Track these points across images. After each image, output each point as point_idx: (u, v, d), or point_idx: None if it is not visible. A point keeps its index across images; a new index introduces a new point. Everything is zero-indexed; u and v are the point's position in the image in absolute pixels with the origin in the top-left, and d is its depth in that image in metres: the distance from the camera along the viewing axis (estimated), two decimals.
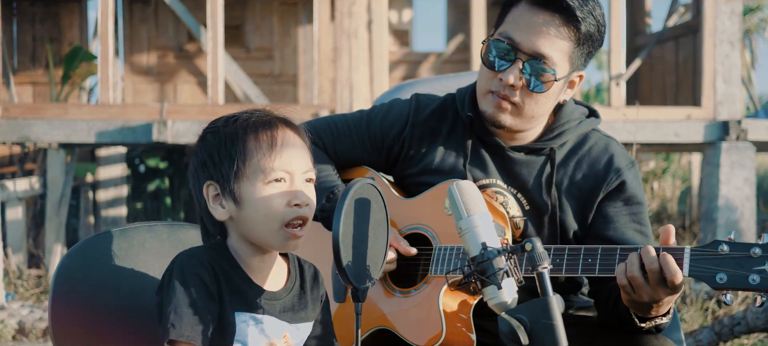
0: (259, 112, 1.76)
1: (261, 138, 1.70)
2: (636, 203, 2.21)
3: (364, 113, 2.39)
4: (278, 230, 1.69)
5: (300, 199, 1.70)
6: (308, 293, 1.82)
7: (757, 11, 16.83)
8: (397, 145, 2.31)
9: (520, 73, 2.11)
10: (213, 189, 1.71)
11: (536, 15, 2.10)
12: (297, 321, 1.78)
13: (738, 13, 7.49)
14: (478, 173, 2.24)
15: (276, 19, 9.70)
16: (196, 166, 1.75)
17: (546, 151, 2.22)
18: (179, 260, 1.69)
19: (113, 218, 8.79)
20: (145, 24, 9.55)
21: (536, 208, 2.21)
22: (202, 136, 1.76)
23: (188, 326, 1.63)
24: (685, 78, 8.27)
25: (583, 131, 2.25)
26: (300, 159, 1.73)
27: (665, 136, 7.18)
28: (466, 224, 1.60)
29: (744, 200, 7.18)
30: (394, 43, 10.80)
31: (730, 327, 4.59)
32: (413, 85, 2.84)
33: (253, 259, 1.74)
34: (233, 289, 1.71)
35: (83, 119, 6.48)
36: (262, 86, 9.15)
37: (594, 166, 2.22)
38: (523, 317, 1.50)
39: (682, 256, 1.86)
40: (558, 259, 2.00)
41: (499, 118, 2.16)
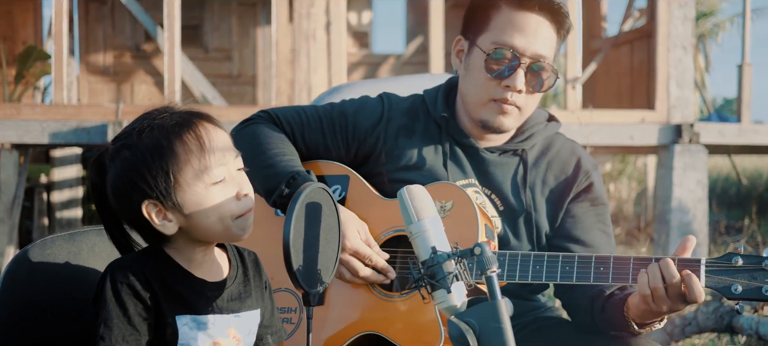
0: (168, 112, 1.68)
1: (187, 141, 1.65)
2: (601, 203, 2.28)
3: (334, 106, 2.36)
4: (231, 225, 1.68)
5: (245, 189, 1.69)
6: (251, 281, 1.80)
7: (710, 16, 17.14)
8: (371, 140, 2.29)
9: (526, 77, 2.16)
10: (153, 206, 1.65)
11: (527, 17, 2.16)
12: (243, 309, 1.76)
13: (691, 18, 7.62)
14: (457, 173, 2.26)
15: (235, 20, 9.64)
16: (121, 188, 1.65)
17: (518, 153, 2.27)
18: (110, 270, 1.65)
19: (68, 220, 8.67)
20: (102, 23, 9.43)
21: (510, 209, 2.25)
22: (114, 153, 1.67)
23: (118, 338, 1.60)
24: (640, 82, 8.39)
25: (549, 134, 2.31)
26: (228, 149, 1.69)
27: (620, 139, 7.27)
28: (417, 228, 1.61)
29: (696, 202, 7.30)
30: (354, 44, 10.81)
31: (681, 327, 4.67)
32: (351, 87, 2.84)
33: (196, 254, 1.72)
34: (172, 293, 1.67)
35: (36, 120, 6.38)
36: (221, 87, 9.10)
37: (564, 168, 2.28)
38: (472, 321, 1.51)
39: (699, 268, 1.91)
40: (538, 265, 2.02)
41: (504, 123, 2.21)
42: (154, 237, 1.71)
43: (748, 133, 7.77)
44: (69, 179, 8.70)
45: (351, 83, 2.97)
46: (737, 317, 4.42)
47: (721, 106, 27.06)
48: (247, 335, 1.78)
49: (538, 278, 2.02)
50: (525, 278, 2.03)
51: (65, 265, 1.88)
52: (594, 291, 2.15)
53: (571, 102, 7.41)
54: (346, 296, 2.17)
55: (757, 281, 1.88)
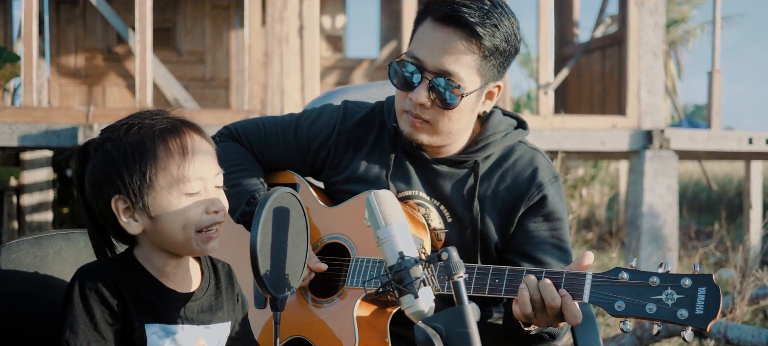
0: (160, 116, 1.69)
1: (171, 147, 1.65)
2: (556, 219, 2.22)
3: (294, 117, 2.38)
4: (194, 236, 1.67)
5: (217, 206, 1.68)
6: (224, 293, 1.80)
7: (681, 23, 17.33)
8: (323, 152, 2.31)
9: (428, 91, 2.10)
10: (122, 203, 1.65)
11: (439, 32, 2.08)
12: (214, 321, 1.76)
13: (661, 25, 7.70)
14: (401, 185, 2.24)
15: (208, 23, 9.60)
16: (97, 178, 1.66)
17: (470, 164, 2.23)
18: (78, 274, 1.65)
19: (38, 223, 8.57)
20: (73, 25, 9.35)
21: (458, 220, 2.22)
22: (98, 144, 1.67)
23: (83, 344, 1.60)
24: (611, 88, 8.46)
25: (508, 143, 2.25)
26: (210, 164, 1.70)
27: (591, 145, 7.33)
28: (384, 234, 1.61)
29: (667, 207, 7.37)
30: (328, 48, 10.80)
31: (650, 332, 4.71)
32: (345, 92, 2.84)
33: (166, 265, 1.71)
34: (141, 301, 1.67)
35: (5, 122, 6.31)
36: (194, 90, 9.05)
37: (517, 179, 2.22)
38: (438, 326, 1.51)
39: (583, 282, 1.86)
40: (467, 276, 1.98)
41: (416, 137, 2.18)
42: (121, 235, 1.71)
43: (717, 139, 7.86)
44: (39, 182, 8.60)
45: (347, 87, 2.97)
46: None
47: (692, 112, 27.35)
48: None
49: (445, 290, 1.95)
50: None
51: (31, 269, 1.86)
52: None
53: (543, 107, 7.45)
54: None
55: (641, 299, 1.81)
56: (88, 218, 1.73)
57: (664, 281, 1.80)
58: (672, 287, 1.79)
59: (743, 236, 8.53)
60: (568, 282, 1.88)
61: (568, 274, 1.89)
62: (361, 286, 2.12)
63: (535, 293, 1.88)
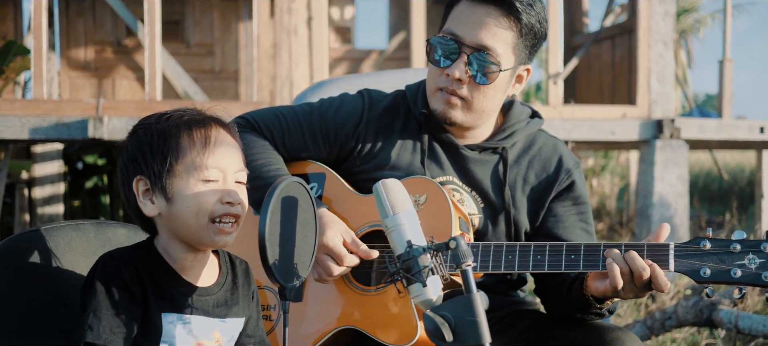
0: (192, 110, 1.75)
1: (195, 136, 1.70)
2: (582, 202, 2.29)
3: (313, 107, 2.35)
4: (207, 225, 1.68)
5: (232, 197, 1.70)
6: (240, 289, 1.82)
7: (691, 12, 17.24)
8: (352, 141, 2.29)
9: (466, 66, 2.15)
10: (143, 184, 1.71)
11: (477, 9, 2.15)
12: (230, 316, 1.77)
13: (672, 14, 7.66)
14: (435, 170, 2.26)
15: (216, 15, 9.61)
16: (126, 162, 1.73)
17: (498, 150, 2.28)
18: (102, 261, 1.68)
19: (49, 216, 8.61)
20: (83, 18, 9.37)
21: (491, 206, 2.26)
22: (133, 131, 1.75)
23: (106, 329, 1.62)
24: (621, 77, 8.43)
25: (531, 131, 2.32)
26: (233, 158, 1.73)
27: (601, 135, 7.30)
28: (392, 222, 1.61)
29: (677, 196, 7.35)
30: (337, 40, 10.79)
31: (661, 321, 4.70)
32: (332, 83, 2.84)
33: (184, 257, 1.73)
34: (160, 290, 1.69)
35: (16, 115, 6.33)
36: (203, 82, 9.06)
37: (545, 166, 2.29)
38: (447, 315, 1.51)
39: (668, 252, 1.95)
40: (539, 255, 2.04)
41: (449, 114, 2.20)
42: (141, 220, 1.75)
43: (728, 128, 7.82)
44: (50, 175, 8.63)
45: (334, 79, 2.95)
46: (717, 310, 4.45)
47: (702, 102, 27.22)
48: (229, 341, 1.80)
49: (510, 268, 2.04)
50: (498, 269, 2.05)
51: (41, 259, 1.87)
52: (561, 278, 2.20)
53: (552, 97, 7.43)
54: (322, 292, 2.17)
55: (725, 264, 1.91)
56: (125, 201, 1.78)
57: (745, 246, 1.90)
58: (753, 252, 1.89)
59: (755, 226, 8.50)
60: (651, 253, 1.96)
61: (649, 245, 1.96)
62: None
63: (623, 265, 1.95)
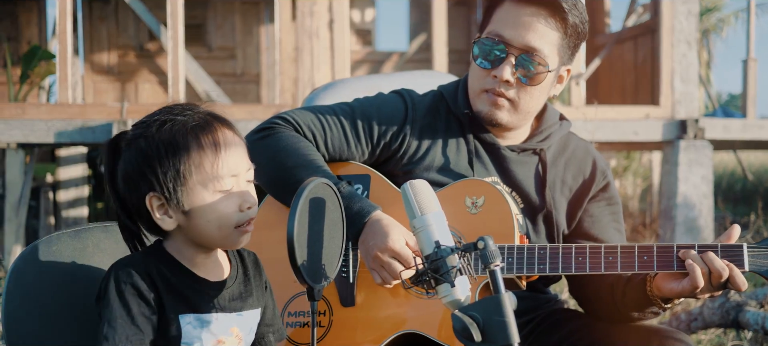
0: (190, 111, 1.69)
1: (204, 143, 1.65)
2: (615, 202, 2.33)
3: (353, 107, 2.30)
4: (231, 232, 1.68)
5: (250, 201, 1.69)
6: (252, 281, 1.81)
7: (714, 11, 17.10)
8: (397, 141, 2.26)
9: (514, 68, 2.15)
10: (157, 200, 1.66)
11: (523, 9, 2.15)
12: (246, 309, 1.77)
13: (695, 13, 7.61)
14: (481, 171, 2.26)
15: (238, 19, 9.65)
16: (131, 174, 1.66)
17: (537, 152, 2.29)
18: (114, 270, 1.66)
19: (74, 219, 8.68)
20: (106, 22, 9.45)
21: (531, 206, 2.27)
22: (130, 140, 1.68)
23: (122, 338, 1.61)
24: (644, 77, 8.38)
25: (563, 134, 2.34)
26: (242, 158, 1.70)
27: (624, 135, 7.27)
28: (420, 223, 1.61)
29: (702, 197, 7.29)
30: (357, 42, 10.81)
31: (687, 323, 4.66)
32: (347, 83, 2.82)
33: (197, 256, 1.73)
34: (175, 292, 1.68)
35: (42, 119, 6.40)
36: (225, 86, 9.11)
37: (582, 167, 2.31)
38: (476, 315, 1.51)
39: (742, 253, 1.97)
40: (611, 257, 2.04)
41: (495, 116, 2.21)
42: (154, 229, 1.72)
43: (753, 128, 7.75)
44: (75, 178, 8.71)
45: (348, 79, 2.94)
46: (743, 312, 4.41)
47: (726, 101, 26.99)
48: (248, 334, 1.79)
49: (581, 270, 2.04)
50: (568, 270, 2.04)
51: (71, 261, 1.89)
52: (613, 278, 2.19)
53: (575, 98, 7.40)
54: (379, 297, 2.14)
55: None
56: (119, 209, 1.73)
57: None
58: None
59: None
60: (725, 253, 1.99)
61: (723, 246, 1.99)
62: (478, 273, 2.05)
63: (703, 266, 1.97)
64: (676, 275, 2.02)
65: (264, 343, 1.84)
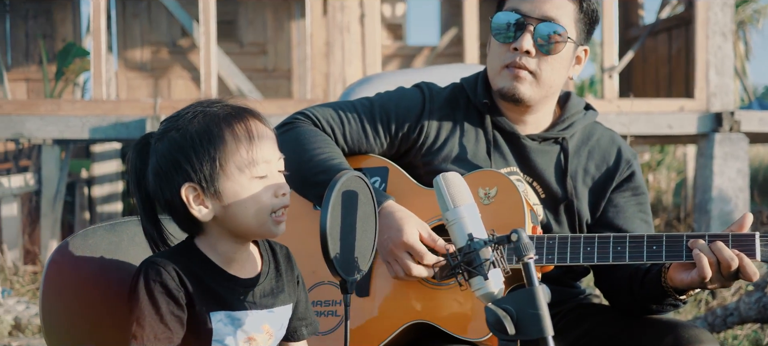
0: (221, 103, 1.70)
1: (238, 131, 1.65)
2: (641, 193, 2.29)
3: (372, 100, 2.33)
4: (267, 220, 1.68)
5: (285, 188, 1.70)
6: (284, 275, 1.80)
7: (750, 2, 16.85)
8: (414, 133, 2.28)
9: (532, 37, 2.17)
10: (192, 191, 1.65)
11: None
12: (277, 305, 1.76)
13: (730, 4, 7.50)
14: (499, 161, 2.26)
15: (269, 14, 9.69)
16: (164, 167, 1.65)
17: (559, 141, 2.28)
18: (143, 268, 1.66)
19: (109, 214, 8.79)
20: (138, 19, 9.54)
21: (552, 196, 2.25)
22: (161, 134, 1.68)
23: (150, 337, 1.61)
24: (678, 70, 8.28)
25: (588, 122, 2.32)
26: (273, 148, 1.71)
27: (658, 129, 7.19)
28: (453, 216, 1.61)
29: (737, 191, 7.20)
30: (388, 37, 10.80)
31: (723, 318, 4.61)
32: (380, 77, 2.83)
33: (232, 251, 1.72)
34: (205, 290, 1.68)
35: (77, 115, 6.48)
36: (256, 81, 9.16)
37: (605, 156, 2.29)
38: (509, 307, 1.51)
39: (754, 241, 1.94)
40: (619, 247, 2.03)
41: (518, 90, 2.20)
42: (188, 223, 1.71)
43: None
44: (109, 174, 8.82)
45: (383, 73, 2.95)
46: None
47: (762, 94, 26.59)
48: (279, 330, 1.79)
49: (589, 260, 2.03)
50: (576, 260, 2.03)
51: (106, 254, 1.91)
52: (631, 270, 2.17)
53: (608, 91, 7.34)
54: (391, 287, 2.15)
55: None
56: (142, 211, 1.73)
57: None
58: None
59: None
60: (736, 243, 1.95)
61: (734, 235, 1.96)
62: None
63: (711, 256, 1.94)
64: (687, 265, 2.00)
65: (296, 336, 1.85)
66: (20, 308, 5.97)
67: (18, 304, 6.06)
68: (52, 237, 7.56)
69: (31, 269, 7.37)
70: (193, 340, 1.67)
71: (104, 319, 1.89)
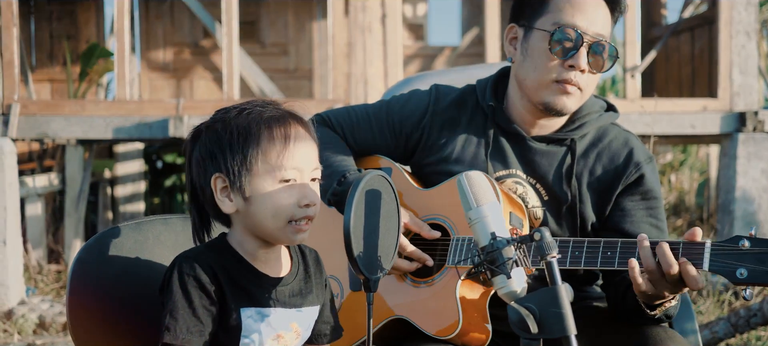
0: (271, 105, 1.75)
1: (275, 135, 1.70)
2: (653, 197, 2.23)
3: (384, 102, 2.40)
4: (284, 226, 1.71)
5: (309, 199, 1.71)
6: (313, 278, 1.84)
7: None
8: (417, 134, 2.32)
9: (588, 56, 2.17)
10: (221, 182, 1.71)
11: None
12: (305, 305, 1.80)
13: (754, 3, 7.44)
14: (498, 164, 2.26)
15: (291, 15, 9.73)
16: (203, 156, 1.73)
17: (567, 142, 2.25)
18: (177, 262, 1.70)
19: (131, 214, 8.85)
20: (161, 20, 9.60)
21: (555, 199, 2.24)
22: (210, 124, 1.75)
23: (183, 329, 1.65)
24: (701, 69, 8.22)
25: (602, 124, 2.29)
26: (309, 157, 1.74)
27: (681, 128, 7.15)
28: (476, 215, 1.62)
29: (761, 191, 7.14)
30: (409, 37, 10.81)
31: (746, 319, 4.58)
32: (424, 77, 2.85)
33: (258, 251, 1.76)
34: (236, 286, 1.72)
35: (100, 115, 6.53)
36: (278, 82, 9.19)
37: (614, 159, 2.25)
38: (532, 306, 1.51)
39: (702, 251, 1.87)
40: (577, 251, 2.01)
41: (566, 105, 2.20)
42: (216, 213, 1.77)
43: None
44: (132, 174, 8.89)
45: (426, 73, 2.98)
46: None
47: None
48: (306, 330, 1.82)
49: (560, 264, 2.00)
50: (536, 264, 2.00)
51: (132, 252, 1.93)
52: (619, 278, 2.16)
53: (630, 91, 7.30)
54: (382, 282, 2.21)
55: (764, 265, 1.80)
56: (191, 198, 1.80)
57: None
58: None
59: None
60: (686, 251, 1.89)
61: (685, 243, 1.90)
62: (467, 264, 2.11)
63: (651, 259, 1.90)
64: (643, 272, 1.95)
65: (321, 340, 1.88)
66: (44, 306, 6.03)
67: (42, 303, 6.12)
68: (76, 236, 7.63)
69: (54, 267, 7.44)
70: (223, 335, 1.70)
71: (129, 316, 1.91)
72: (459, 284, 2.10)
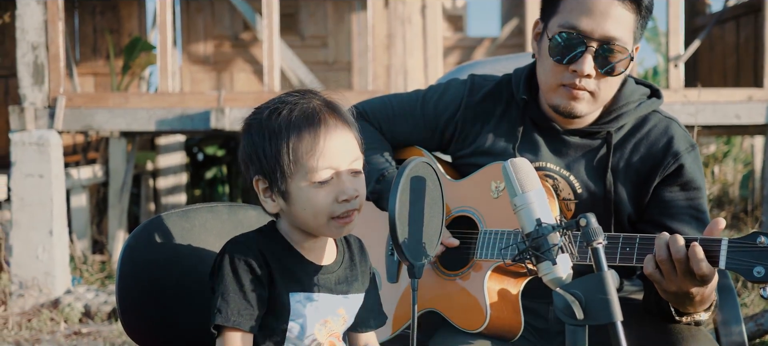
0: (304, 102, 1.73)
1: (304, 137, 1.69)
2: (693, 188, 2.16)
3: (420, 94, 2.40)
4: (326, 223, 1.72)
5: (347, 194, 1.70)
6: (358, 266, 1.86)
7: None
8: (451, 126, 2.32)
9: (594, 61, 2.06)
10: (262, 183, 1.74)
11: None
12: (351, 292, 1.82)
13: None
14: (529, 156, 2.21)
15: (330, 7, 9.75)
16: (244, 158, 1.76)
17: (602, 135, 2.19)
18: (228, 247, 1.73)
19: (173, 205, 8.96)
20: (202, 13, 9.69)
21: (589, 191, 2.19)
22: (247, 125, 1.75)
23: (234, 312, 1.67)
24: (746, 59, 8.08)
25: (642, 113, 2.20)
26: (346, 152, 1.72)
27: (725, 118, 7.04)
28: (521, 201, 1.61)
29: None
30: (448, 28, 10.78)
31: None
32: (471, 67, 2.84)
33: (304, 240, 1.78)
34: (286, 271, 1.74)
35: (143, 108, 6.61)
36: (317, 74, 9.23)
37: (652, 149, 2.17)
38: (577, 292, 1.51)
39: (719, 248, 1.81)
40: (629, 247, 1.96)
41: (575, 109, 2.12)
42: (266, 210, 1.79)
43: None
44: (173, 166, 8.99)
45: (473, 63, 2.96)
46: None
47: None
48: (351, 317, 1.84)
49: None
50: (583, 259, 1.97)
51: (179, 239, 1.96)
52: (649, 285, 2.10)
53: (673, 81, 7.21)
54: None
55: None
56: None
57: None
58: None
59: None
60: (703, 247, 1.83)
61: (702, 239, 1.84)
62: (493, 257, 2.12)
63: (663, 251, 1.85)
64: None
65: (365, 327, 1.90)
66: (90, 295, 6.14)
67: (87, 292, 6.23)
68: (119, 227, 7.75)
69: (99, 258, 7.56)
70: (272, 319, 1.72)
71: (178, 301, 1.94)
72: (487, 277, 2.11)
